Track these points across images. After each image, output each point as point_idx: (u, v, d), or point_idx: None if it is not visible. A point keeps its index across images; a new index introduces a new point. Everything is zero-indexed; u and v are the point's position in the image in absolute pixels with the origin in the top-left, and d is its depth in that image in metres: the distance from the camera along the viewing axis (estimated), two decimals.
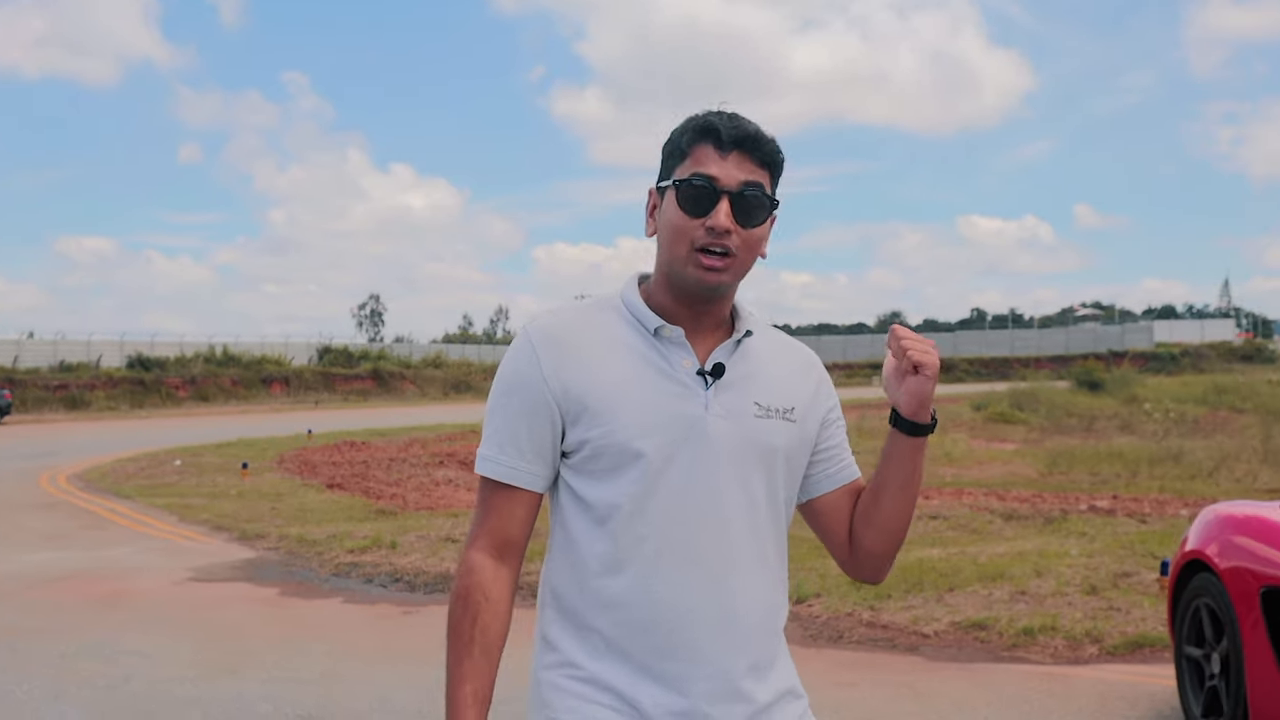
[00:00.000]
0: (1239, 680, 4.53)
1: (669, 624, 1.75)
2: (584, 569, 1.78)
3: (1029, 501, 13.01)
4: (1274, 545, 4.49)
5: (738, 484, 1.79)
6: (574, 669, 1.78)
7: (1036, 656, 6.50)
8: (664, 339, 1.80)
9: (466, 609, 1.78)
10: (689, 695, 1.75)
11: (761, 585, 1.82)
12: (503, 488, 1.82)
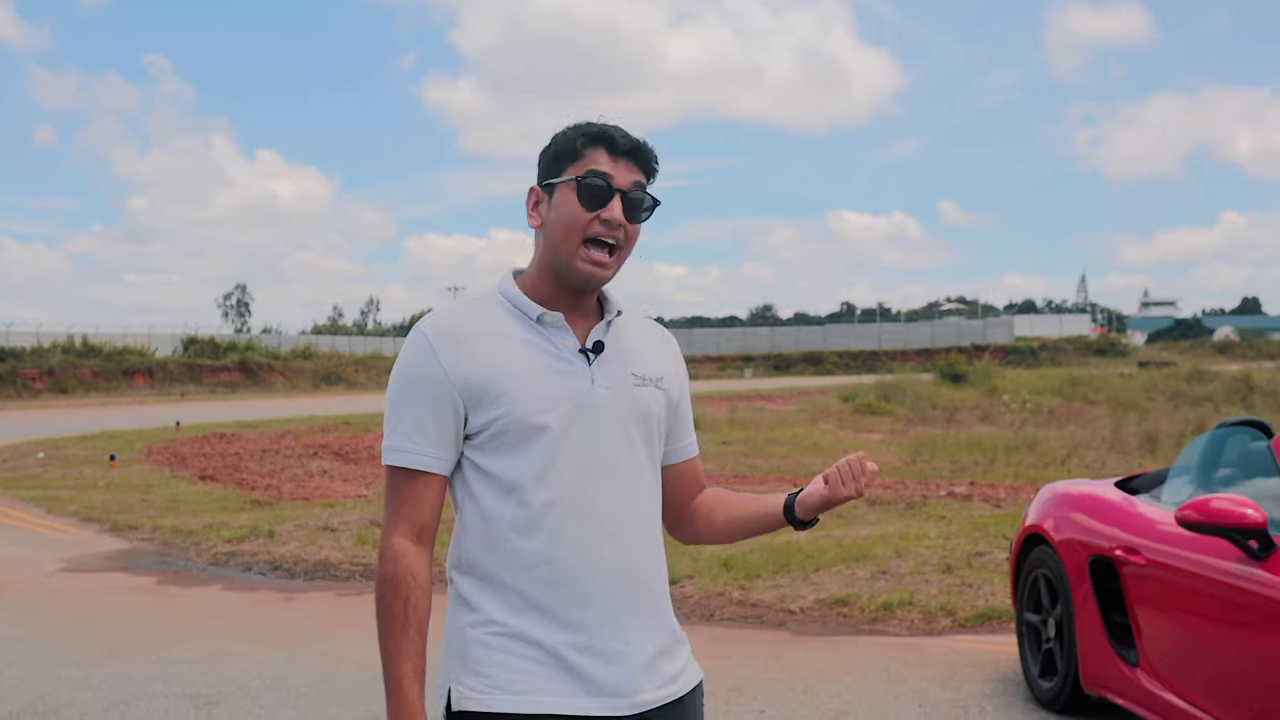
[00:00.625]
0: (1070, 641, 4.96)
1: (578, 577, 1.96)
2: (498, 535, 1.97)
3: (892, 488, 13.56)
4: (1102, 519, 4.93)
5: (625, 447, 2.02)
6: (497, 626, 1.96)
7: (894, 629, 6.92)
8: (546, 324, 2.02)
9: (398, 592, 1.94)
10: (602, 638, 1.97)
11: (652, 535, 2.07)
12: (414, 475, 1.98)
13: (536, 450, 1.96)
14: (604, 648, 1.97)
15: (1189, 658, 4.26)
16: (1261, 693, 3.76)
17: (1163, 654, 4.40)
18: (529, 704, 1.94)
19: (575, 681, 1.96)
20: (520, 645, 1.96)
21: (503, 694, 1.95)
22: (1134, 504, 4.88)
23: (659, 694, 2.01)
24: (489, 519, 1.98)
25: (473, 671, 1.97)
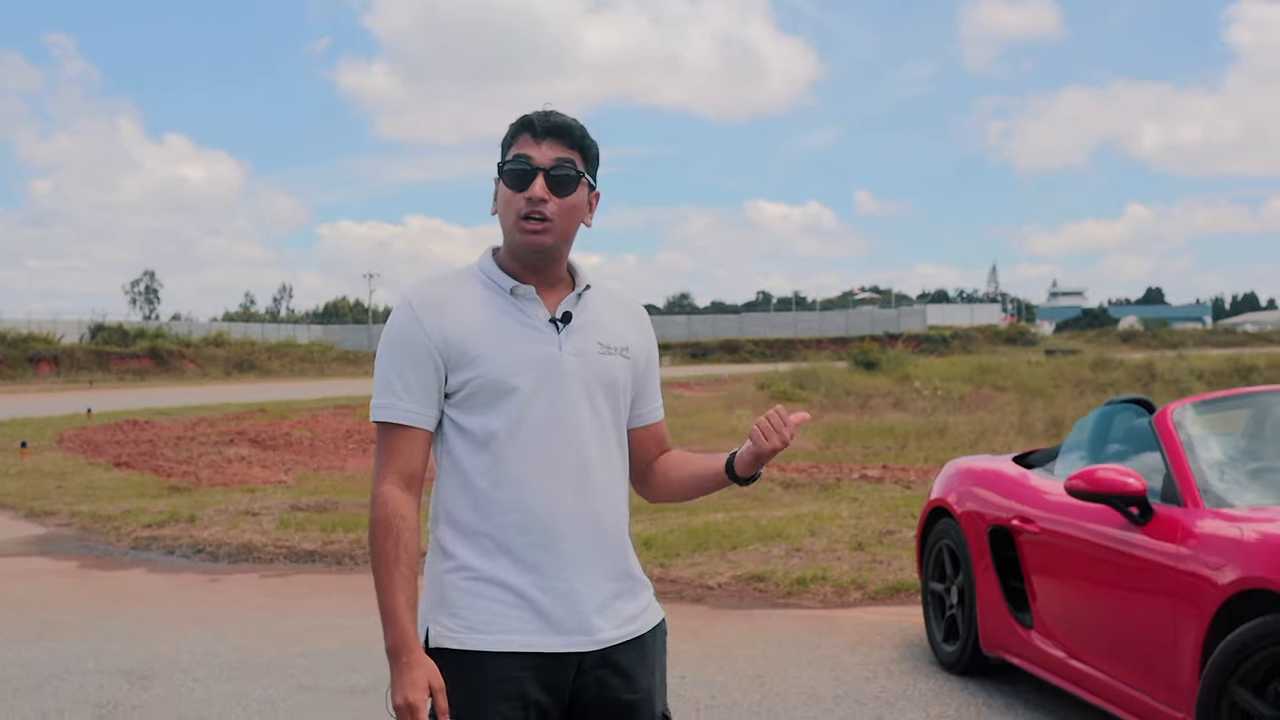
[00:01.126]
0: (971, 607, 5.27)
1: (544, 524, 2.17)
2: (472, 486, 2.18)
3: (807, 471, 13.91)
4: (1000, 492, 5.24)
5: (589, 409, 2.23)
6: (469, 571, 2.17)
7: (808, 603, 7.20)
8: (519, 296, 2.23)
9: (389, 532, 2.14)
10: (564, 579, 2.18)
11: (612, 489, 2.27)
12: (401, 429, 2.18)
13: (507, 409, 2.16)
14: (566, 589, 2.17)
15: (1078, 618, 4.58)
16: (1143, 648, 4.08)
17: (1055, 616, 4.72)
18: (499, 643, 2.15)
19: (541, 621, 2.16)
20: (491, 589, 2.16)
21: (475, 633, 2.16)
22: (1029, 477, 5.20)
23: (618, 632, 2.23)
24: (464, 471, 2.19)
25: (448, 613, 2.18)
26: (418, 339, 2.18)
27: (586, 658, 2.20)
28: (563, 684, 2.19)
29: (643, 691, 2.26)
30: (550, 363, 2.20)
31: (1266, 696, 3.45)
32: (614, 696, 2.23)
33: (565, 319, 2.24)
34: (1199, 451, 4.29)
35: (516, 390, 2.17)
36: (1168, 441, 4.36)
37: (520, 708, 2.16)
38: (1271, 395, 4.81)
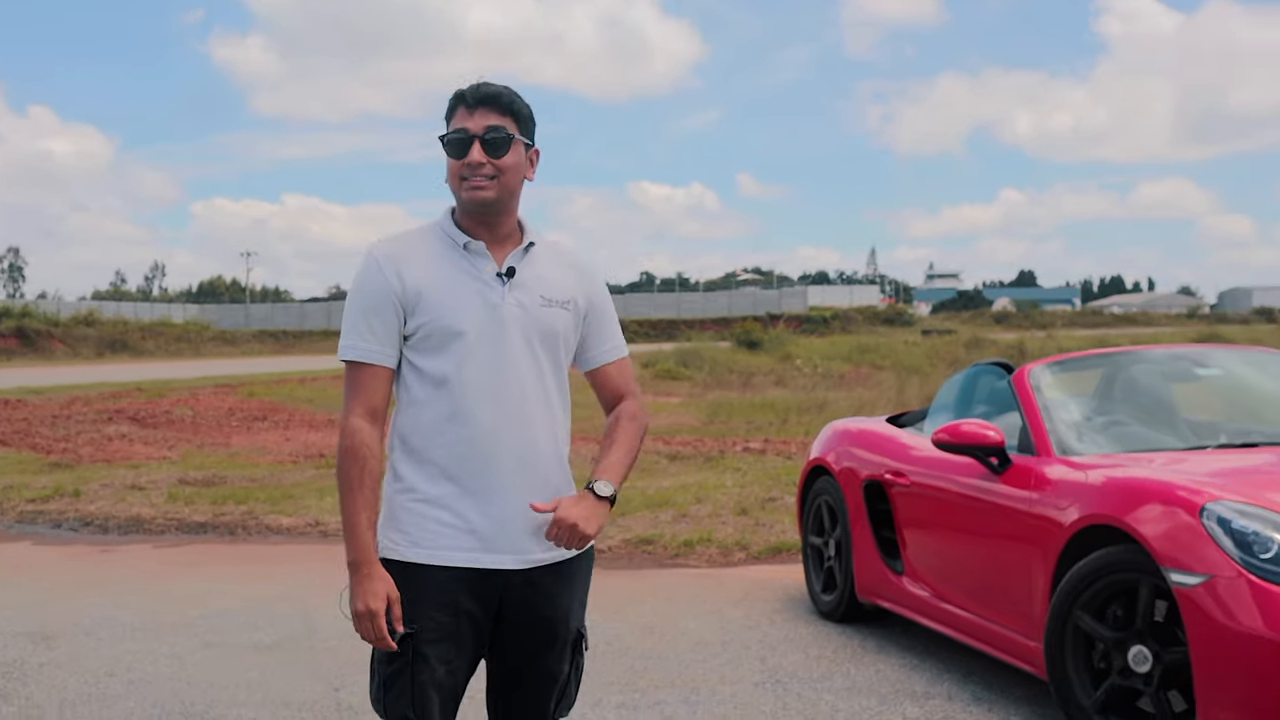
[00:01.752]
0: (848, 558, 5.64)
1: (483, 455, 2.44)
2: (424, 419, 2.46)
3: (691, 445, 14.28)
4: (874, 450, 5.61)
5: (528, 355, 2.49)
6: (416, 493, 2.46)
7: (695, 562, 7.53)
8: (471, 251, 2.50)
9: (355, 459, 2.41)
10: (498, 505, 2.45)
11: (549, 427, 2.52)
12: (366, 367, 2.46)
13: (455, 351, 2.44)
14: (499, 514, 2.45)
15: (945, 562, 4.96)
16: (1003, 585, 4.46)
17: (924, 562, 5.10)
18: (437, 557, 2.44)
19: (475, 540, 2.44)
20: (434, 509, 2.45)
21: (417, 548, 2.45)
22: (900, 436, 5.57)
23: (546, 555, 2.50)
24: (417, 405, 2.47)
25: (396, 529, 2.46)
26: (380, 288, 2.46)
27: (514, 575, 2.47)
28: (491, 596, 2.47)
29: (561, 609, 2.54)
30: (494, 312, 2.47)
31: (1106, 619, 3.85)
32: (535, 611, 2.51)
33: (510, 273, 2.50)
34: (1052, 407, 4.69)
35: (463, 335, 2.44)
36: (1024, 398, 4.75)
37: (453, 614, 2.44)
38: (1121, 356, 5.25)
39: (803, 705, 4.49)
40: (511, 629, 2.51)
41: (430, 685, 2.43)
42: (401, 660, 2.42)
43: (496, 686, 2.62)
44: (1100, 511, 3.89)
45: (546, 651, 2.55)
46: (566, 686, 2.61)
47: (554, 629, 2.54)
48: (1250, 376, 5.23)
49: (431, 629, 2.43)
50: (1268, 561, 3.40)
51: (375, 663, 2.49)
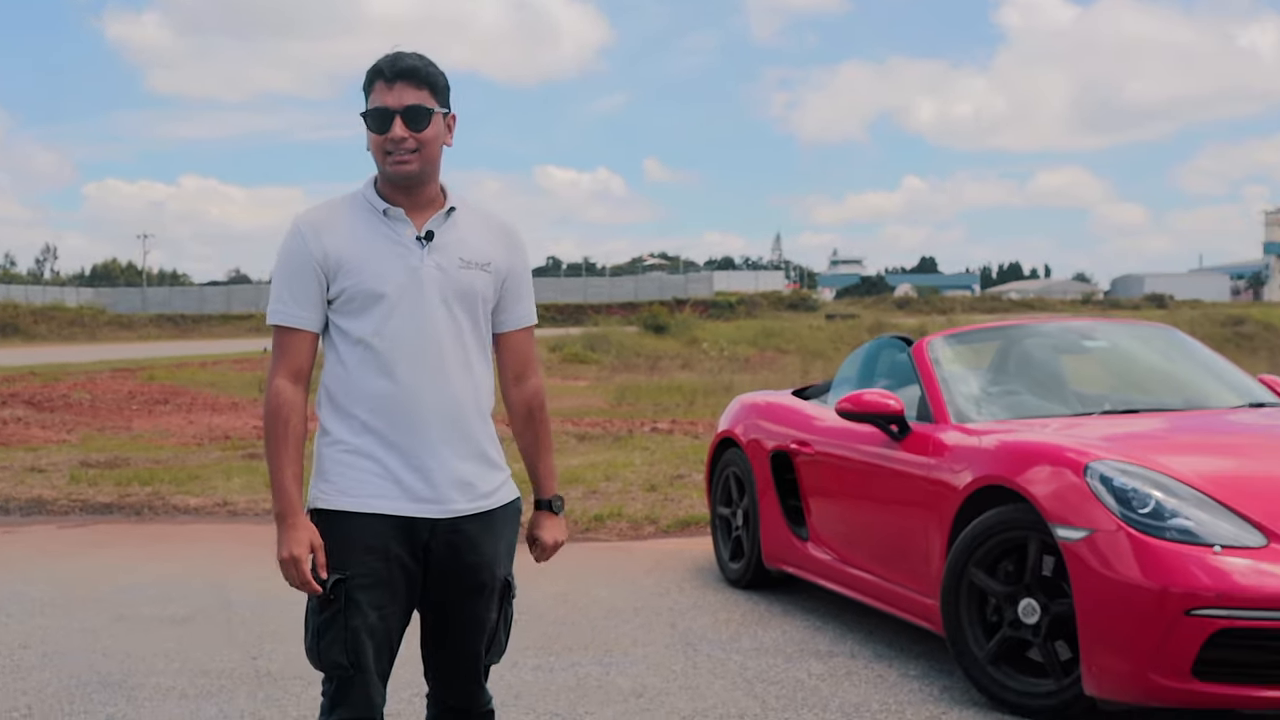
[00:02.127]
0: (755, 527, 5.82)
1: (405, 409, 2.56)
2: (349, 376, 2.57)
3: (600, 425, 14.41)
4: (780, 422, 5.79)
5: (447, 315, 2.59)
6: (342, 444, 2.58)
7: (605, 536, 7.67)
8: (390, 217, 2.59)
9: (279, 419, 2.55)
10: (421, 457, 2.56)
11: (469, 384, 2.63)
12: (291, 331, 2.58)
13: (377, 313, 2.55)
14: (421, 465, 2.57)
15: (848, 527, 5.17)
16: (902, 547, 4.67)
17: (828, 527, 5.30)
18: (364, 505, 2.55)
19: (400, 490, 2.56)
20: (360, 460, 2.56)
21: (344, 496, 2.56)
22: (806, 407, 5.77)
23: (469, 505, 2.61)
24: (343, 364, 2.58)
25: (324, 479, 2.58)
26: (303, 256, 2.57)
27: (439, 524, 2.59)
28: (418, 543, 2.59)
29: (487, 557, 2.65)
30: (413, 274, 2.57)
31: (997, 575, 4.07)
32: (461, 559, 2.62)
33: (429, 236, 2.60)
34: (949, 377, 4.91)
35: (384, 297, 2.55)
36: (922, 368, 4.97)
37: (383, 560, 2.56)
38: (1013, 329, 5.49)
39: (712, 664, 4.66)
40: (440, 577, 2.62)
41: (363, 630, 2.53)
42: (334, 607, 2.52)
43: (429, 635, 2.73)
44: (993, 473, 4.10)
45: (475, 598, 2.66)
46: (496, 633, 2.73)
47: (480, 576, 2.65)
48: (1133, 349, 5.52)
49: (363, 575, 2.53)
50: (1146, 516, 3.64)
51: (309, 615, 2.59)
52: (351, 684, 2.56)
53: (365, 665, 2.56)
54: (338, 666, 2.55)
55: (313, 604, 2.56)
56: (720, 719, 4.03)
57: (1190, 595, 3.45)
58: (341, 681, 2.57)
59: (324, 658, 2.55)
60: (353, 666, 2.54)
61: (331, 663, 2.55)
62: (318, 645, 2.56)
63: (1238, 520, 3.62)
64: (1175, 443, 4.25)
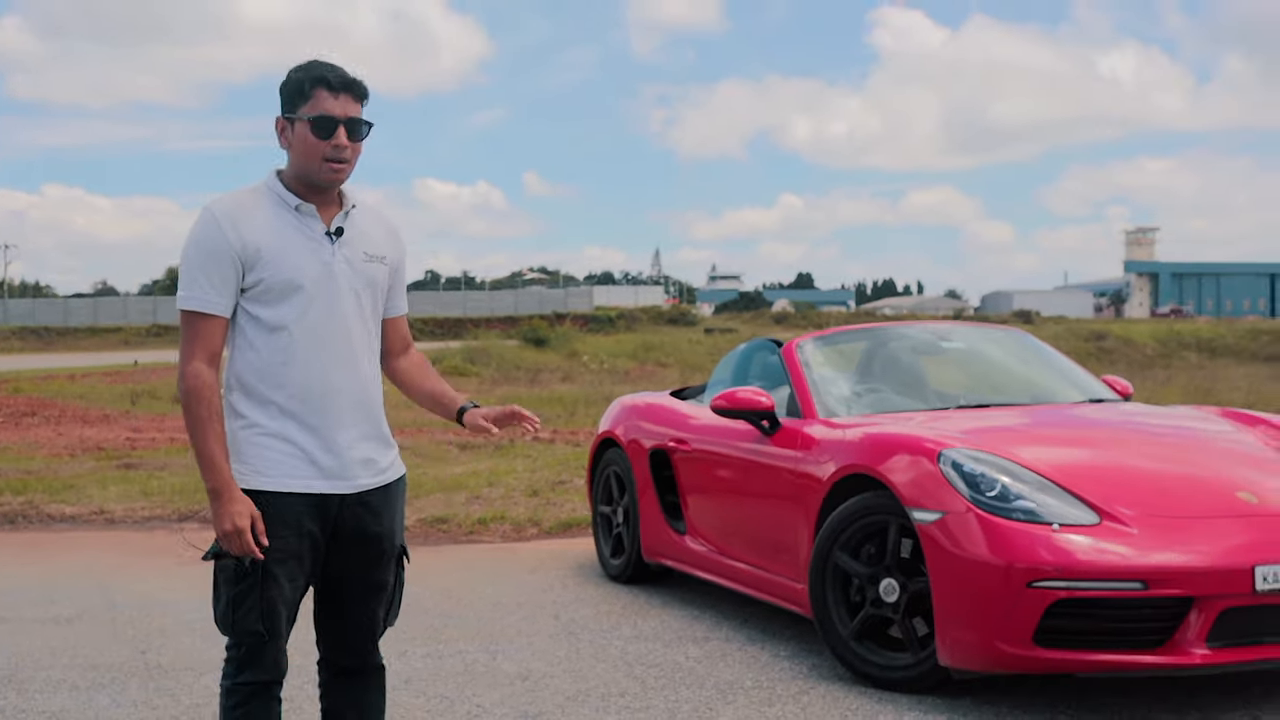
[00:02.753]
0: (635, 522, 6.05)
1: (320, 394, 2.73)
2: (263, 363, 2.72)
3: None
4: (659, 422, 6.04)
5: (355, 305, 2.79)
6: (259, 428, 2.73)
7: (489, 538, 7.82)
8: (302, 213, 2.76)
9: (201, 399, 2.67)
10: (333, 438, 2.74)
11: (372, 368, 2.85)
12: (206, 317, 2.70)
13: (294, 302, 2.72)
14: (333, 445, 2.76)
15: (723, 519, 5.42)
16: (774, 536, 4.94)
17: (704, 520, 5.55)
18: (280, 484, 2.72)
19: (314, 469, 2.74)
20: (277, 442, 2.73)
21: (261, 477, 2.72)
22: (683, 407, 6.02)
23: (372, 480, 2.83)
24: (257, 351, 2.73)
25: (240, 460, 2.73)
26: (220, 243, 2.69)
27: (347, 498, 2.79)
28: (328, 517, 2.78)
29: (387, 526, 2.88)
30: (327, 268, 2.76)
31: (860, 558, 4.36)
32: (365, 528, 2.83)
33: (338, 233, 2.80)
34: (817, 375, 5.21)
35: (302, 289, 2.72)
36: (792, 367, 5.26)
37: (297, 536, 2.74)
38: (878, 331, 5.83)
39: (594, 650, 4.86)
40: (347, 545, 2.82)
41: (279, 601, 2.73)
42: (251, 579, 2.69)
43: (329, 603, 2.90)
44: (856, 463, 4.40)
45: (376, 564, 2.88)
46: (393, 597, 2.95)
47: (382, 544, 2.87)
48: (986, 350, 5.91)
49: (279, 549, 2.71)
50: (993, 499, 3.96)
51: (221, 586, 2.73)
52: (264, 649, 2.74)
53: (278, 632, 2.75)
54: (253, 634, 2.72)
55: (227, 575, 2.71)
56: (602, 698, 4.23)
57: (1032, 569, 3.77)
58: (252, 647, 2.74)
59: (239, 626, 2.72)
60: (268, 634, 2.72)
61: (247, 631, 2.72)
62: (233, 615, 2.71)
63: (1075, 501, 3.96)
64: (1021, 434, 4.59)
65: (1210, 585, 3.73)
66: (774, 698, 4.22)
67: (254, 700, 2.77)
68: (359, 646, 2.94)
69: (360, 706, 2.97)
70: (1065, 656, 3.77)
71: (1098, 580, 3.74)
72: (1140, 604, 3.73)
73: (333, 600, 2.90)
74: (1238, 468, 4.33)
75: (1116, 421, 4.87)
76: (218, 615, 2.75)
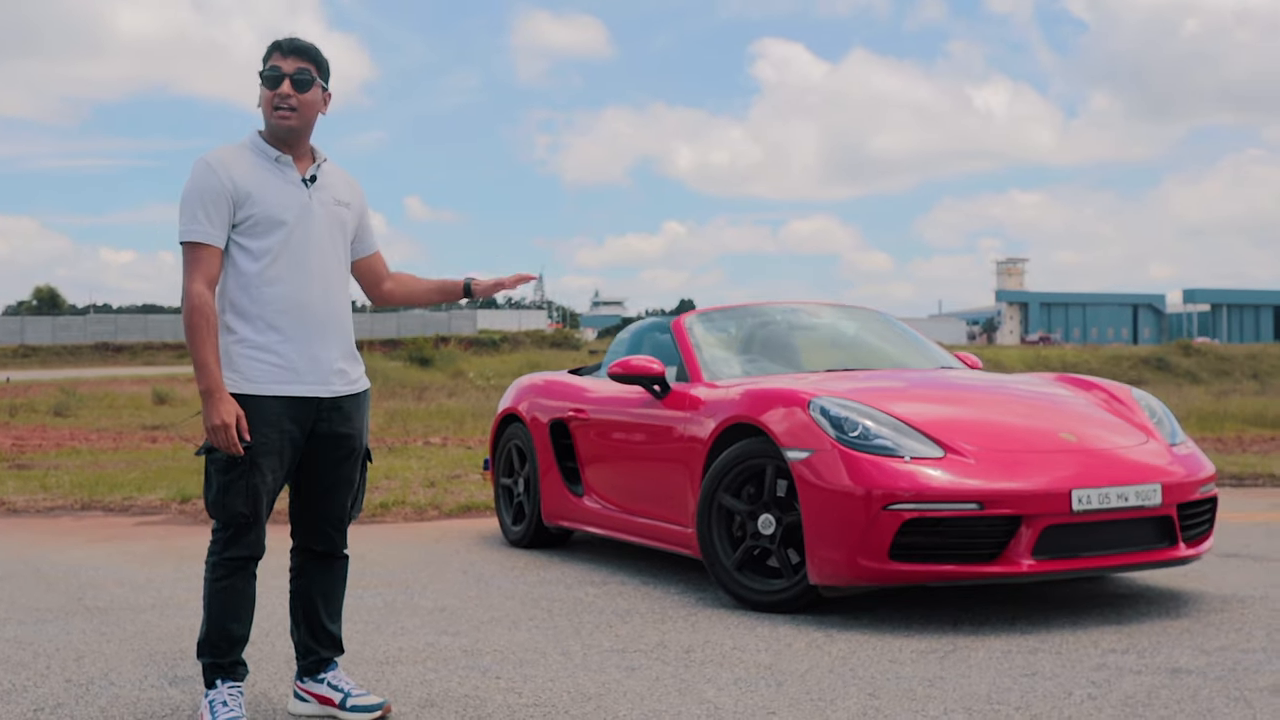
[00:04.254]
0: (536, 489, 6.55)
1: (300, 308, 3.25)
2: (250, 285, 3.23)
3: (374, 439, 14.83)
4: (559, 396, 6.56)
5: (329, 240, 3.34)
6: (248, 342, 3.24)
7: (391, 520, 8.23)
8: (280, 163, 3.29)
9: (203, 315, 3.16)
10: (311, 348, 3.26)
11: (343, 292, 3.39)
12: (205, 247, 3.21)
13: (278, 235, 3.24)
14: (312, 354, 3.29)
15: (620, 478, 5.96)
16: (667, 488, 5.48)
17: (601, 480, 6.08)
18: (265, 389, 3.24)
19: (294, 375, 3.26)
20: (262, 353, 3.24)
21: (249, 383, 3.23)
22: (581, 381, 6.56)
23: (344, 388, 3.37)
24: (246, 275, 3.24)
25: (232, 369, 3.24)
26: (216, 185, 3.21)
27: (323, 402, 3.32)
28: (307, 419, 3.30)
29: (356, 427, 3.42)
30: (305, 207, 3.30)
31: (741, 497, 4.93)
32: (337, 430, 3.36)
33: (313, 179, 3.34)
34: (702, 345, 5.80)
35: (285, 223, 3.26)
36: (680, 339, 5.84)
37: (279, 433, 3.25)
38: (755, 309, 6.43)
39: (502, 592, 5.35)
40: (322, 442, 3.34)
41: (261, 488, 3.23)
42: (240, 469, 3.19)
43: (304, 495, 3.42)
44: (739, 414, 4.98)
45: (346, 461, 3.41)
46: (358, 491, 3.50)
47: (352, 443, 3.41)
48: (849, 328, 6.58)
49: (262, 444, 3.22)
50: (855, 438, 4.57)
51: (213, 475, 3.22)
52: (248, 529, 3.24)
53: (260, 516, 3.25)
54: (239, 515, 3.21)
55: (219, 466, 3.21)
56: (513, 622, 4.73)
57: (887, 494, 4.38)
58: (238, 528, 3.22)
59: (228, 509, 3.21)
60: (251, 516, 3.22)
61: (235, 513, 3.21)
62: (223, 499, 3.21)
63: (924, 439, 4.60)
64: (882, 392, 5.20)
65: (1035, 505, 4.39)
66: (666, 618, 4.77)
67: (237, 574, 3.28)
68: (330, 534, 3.47)
69: (327, 587, 3.51)
70: (916, 569, 4.39)
71: (942, 502, 4.37)
72: (977, 522, 4.38)
73: (309, 492, 3.41)
74: (1064, 418, 5.03)
75: (963, 382, 5.55)
76: (210, 500, 3.24)
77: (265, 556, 3.36)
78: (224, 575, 3.26)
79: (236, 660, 3.33)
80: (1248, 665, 3.87)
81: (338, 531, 3.49)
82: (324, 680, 3.49)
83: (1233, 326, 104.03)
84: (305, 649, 3.51)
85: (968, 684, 3.70)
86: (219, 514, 3.23)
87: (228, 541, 3.25)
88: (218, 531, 3.26)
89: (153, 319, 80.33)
